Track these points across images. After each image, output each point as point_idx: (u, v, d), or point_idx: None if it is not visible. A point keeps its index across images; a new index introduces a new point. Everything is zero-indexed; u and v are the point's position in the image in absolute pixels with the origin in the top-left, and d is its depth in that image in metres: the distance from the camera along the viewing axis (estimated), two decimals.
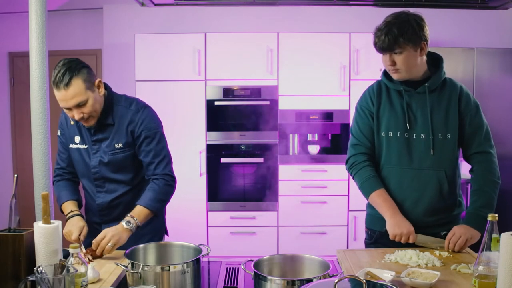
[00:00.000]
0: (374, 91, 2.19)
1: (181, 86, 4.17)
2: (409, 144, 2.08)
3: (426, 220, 2.08)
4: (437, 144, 2.06)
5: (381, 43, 2.02)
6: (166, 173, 2.15)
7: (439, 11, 4.37)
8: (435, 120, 2.07)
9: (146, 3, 4.19)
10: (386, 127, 2.11)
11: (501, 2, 4.04)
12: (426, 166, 2.07)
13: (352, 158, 2.20)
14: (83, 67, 2.02)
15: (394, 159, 2.10)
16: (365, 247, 2.26)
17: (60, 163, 2.26)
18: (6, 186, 4.75)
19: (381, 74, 2.21)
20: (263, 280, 1.52)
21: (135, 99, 2.22)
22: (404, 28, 1.98)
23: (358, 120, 2.21)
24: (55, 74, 1.96)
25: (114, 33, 4.64)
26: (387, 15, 2.06)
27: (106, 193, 2.20)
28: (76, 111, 2.01)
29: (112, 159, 2.14)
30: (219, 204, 4.24)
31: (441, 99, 2.09)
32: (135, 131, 2.14)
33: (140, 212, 2.06)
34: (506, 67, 4.18)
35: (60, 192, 2.21)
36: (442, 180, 2.08)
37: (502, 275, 1.40)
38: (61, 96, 1.98)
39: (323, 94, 4.17)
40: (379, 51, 2.07)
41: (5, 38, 4.86)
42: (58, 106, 2.05)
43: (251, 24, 4.58)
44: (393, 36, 1.98)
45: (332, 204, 4.20)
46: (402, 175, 2.09)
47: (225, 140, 4.22)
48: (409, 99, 2.10)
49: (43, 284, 1.36)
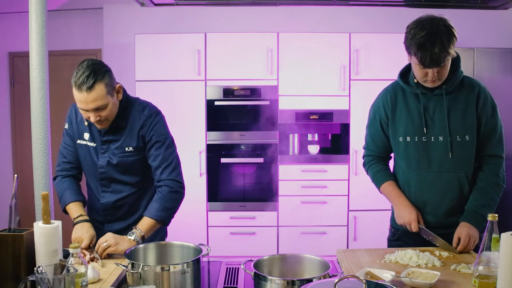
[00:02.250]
0: (388, 98, 2.17)
1: (181, 86, 4.17)
2: (427, 147, 2.08)
3: (447, 221, 2.08)
4: (455, 146, 2.05)
5: (428, 60, 1.92)
6: (172, 179, 2.13)
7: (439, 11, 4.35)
8: (452, 122, 2.05)
9: (146, 3, 4.19)
10: (403, 132, 2.11)
11: (501, 2, 4.04)
12: (446, 169, 2.06)
13: (365, 158, 2.32)
14: (106, 71, 2.01)
15: (414, 164, 2.11)
16: (388, 245, 2.28)
17: (67, 156, 2.23)
18: (6, 186, 4.75)
19: (398, 77, 2.18)
20: (263, 280, 1.52)
21: (148, 103, 2.22)
22: (449, 41, 1.92)
23: (369, 125, 2.27)
24: (78, 75, 1.95)
25: (114, 33, 4.64)
26: (419, 25, 1.96)
27: (111, 193, 2.20)
28: (94, 114, 2.00)
29: (121, 161, 2.14)
30: (219, 204, 4.24)
31: (458, 100, 2.07)
32: (146, 135, 2.14)
33: (145, 223, 2.06)
34: (506, 67, 4.18)
35: (64, 191, 2.18)
36: (463, 181, 2.07)
37: (502, 275, 1.40)
38: (82, 98, 1.96)
39: (323, 94, 4.17)
40: (424, 67, 1.96)
41: (5, 38, 4.86)
42: (58, 106, 2.05)
43: (251, 24, 4.58)
44: (442, 51, 1.90)
45: (332, 204, 4.20)
46: (422, 178, 2.10)
47: (225, 140, 4.22)
48: (426, 102, 2.09)
49: (43, 284, 1.36)
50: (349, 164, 4.21)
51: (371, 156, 2.27)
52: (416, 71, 2.02)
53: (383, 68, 4.14)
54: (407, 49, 2.01)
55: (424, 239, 2.06)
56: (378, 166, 2.24)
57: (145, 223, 2.06)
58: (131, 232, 2.02)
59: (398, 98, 2.15)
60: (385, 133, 2.20)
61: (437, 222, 2.08)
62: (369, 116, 2.27)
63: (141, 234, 2.02)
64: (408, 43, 1.99)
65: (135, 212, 2.22)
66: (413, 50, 1.95)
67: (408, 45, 1.99)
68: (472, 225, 2.01)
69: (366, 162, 2.30)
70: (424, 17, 2.00)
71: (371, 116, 2.24)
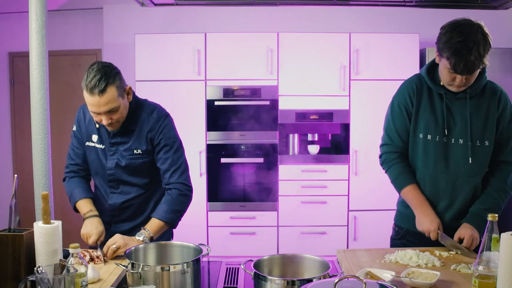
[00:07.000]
0: (415, 90, 2.09)
1: (181, 86, 4.17)
2: (447, 149, 2.05)
3: (454, 224, 2.07)
4: (474, 151, 2.03)
5: (462, 67, 1.86)
6: (181, 182, 2.15)
7: (439, 11, 4.36)
8: (474, 127, 2.03)
9: (146, 3, 4.19)
10: (424, 129, 2.07)
11: (501, 2, 4.04)
12: (462, 173, 2.05)
13: (384, 156, 2.19)
14: (117, 73, 2.02)
15: (431, 163, 2.07)
16: (391, 244, 2.26)
17: (74, 159, 2.25)
18: (6, 186, 4.75)
19: (424, 73, 2.10)
20: (263, 280, 1.52)
21: (156, 106, 2.23)
22: (485, 49, 1.86)
23: (394, 118, 2.14)
24: (89, 79, 1.95)
25: (114, 33, 4.64)
26: (456, 29, 1.87)
27: (119, 195, 2.20)
28: (106, 116, 2.01)
29: (130, 163, 2.15)
30: (219, 204, 4.24)
31: (480, 105, 2.05)
32: (154, 138, 2.14)
33: (153, 224, 2.06)
34: (506, 67, 4.18)
35: (73, 190, 2.20)
36: (477, 186, 2.07)
37: (502, 275, 1.40)
38: (94, 101, 1.96)
39: (323, 94, 4.17)
40: (455, 72, 1.90)
41: (5, 38, 4.86)
42: (58, 106, 2.05)
43: (251, 24, 4.57)
44: (477, 59, 1.85)
45: (332, 204, 4.20)
46: (438, 179, 2.07)
47: (225, 140, 4.22)
48: (449, 103, 2.06)
49: (43, 284, 1.36)
50: (349, 164, 4.21)
51: (396, 153, 2.14)
52: (444, 74, 1.97)
53: (383, 68, 4.14)
54: (439, 50, 1.93)
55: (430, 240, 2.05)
56: (402, 167, 2.12)
57: (154, 224, 2.06)
58: (139, 232, 2.02)
59: (423, 92, 2.09)
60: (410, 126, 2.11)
61: (448, 223, 2.07)
62: (391, 110, 2.16)
63: (149, 235, 2.02)
64: (442, 45, 1.91)
65: (142, 213, 2.23)
66: (447, 54, 1.88)
67: (441, 47, 1.91)
68: (474, 227, 2.01)
69: (388, 160, 2.16)
70: (461, 21, 1.91)
71: (395, 108, 2.13)
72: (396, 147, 2.15)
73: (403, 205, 2.20)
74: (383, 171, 2.22)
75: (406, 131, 2.12)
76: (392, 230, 2.29)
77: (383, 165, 2.20)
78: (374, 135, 2.45)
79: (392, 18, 4.55)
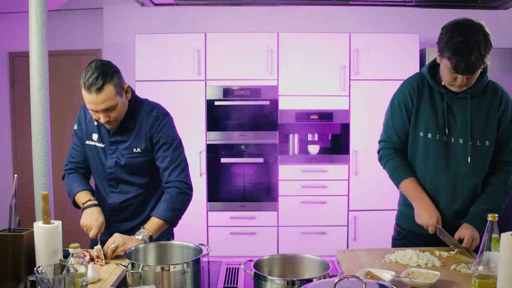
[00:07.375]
0: (415, 88, 2.09)
1: (181, 86, 4.17)
2: (447, 148, 2.05)
3: (454, 223, 2.07)
4: (475, 151, 2.03)
5: (463, 67, 1.87)
6: (180, 180, 2.14)
7: (439, 11, 4.36)
8: (475, 126, 2.03)
9: (146, 3, 4.19)
10: (425, 128, 2.07)
11: (501, 2, 4.04)
12: (462, 172, 2.05)
13: (381, 151, 2.21)
14: (115, 72, 2.03)
15: (431, 162, 2.07)
16: (392, 244, 2.26)
17: (75, 157, 2.26)
18: (6, 186, 4.75)
19: (426, 71, 2.10)
20: (263, 280, 1.52)
21: (156, 105, 2.23)
22: (486, 49, 1.86)
23: (393, 115, 2.15)
24: (87, 77, 1.96)
25: (114, 33, 4.64)
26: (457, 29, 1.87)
27: (119, 194, 2.20)
28: (103, 114, 2.01)
29: (129, 162, 2.15)
30: (219, 204, 4.24)
31: (481, 104, 2.04)
32: (153, 137, 2.14)
33: (153, 223, 2.06)
34: (506, 67, 4.18)
35: (72, 184, 2.20)
36: (477, 185, 2.07)
37: (502, 275, 1.40)
38: (91, 99, 1.97)
39: (323, 94, 4.17)
40: (456, 72, 1.90)
41: (5, 38, 4.86)
42: (58, 106, 2.06)
43: (251, 24, 4.57)
44: (479, 59, 1.85)
45: (332, 204, 4.20)
46: (438, 179, 2.07)
47: (225, 140, 4.22)
48: (450, 102, 2.05)
49: (43, 284, 1.36)
50: (349, 164, 4.21)
51: (392, 149, 2.15)
52: (445, 74, 1.97)
53: (383, 68, 4.14)
54: (440, 50, 1.93)
55: (433, 239, 2.05)
56: (399, 161, 2.13)
57: (153, 223, 2.06)
58: (139, 231, 2.02)
59: (424, 90, 2.08)
60: (409, 124, 2.11)
61: (447, 222, 2.07)
62: (391, 107, 2.17)
63: (149, 234, 2.02)
64: (443, 45, 1.90)
65: (141, 213, 2.23)
66: (448, 54, 1.88)
67: (442, 47, 1.91)
68: (474, 227, 2.01)
69: (385, 155, 2.17)
70: (462, 21, 1.91)
71: (395, 106, 2.14)
72: (392, 144, 2.16)
73: (404, 205, 2.20)
74: (382, 167, 2.23)
75: (404, 129, 2.13)
76: (393, 230, 2.28)
77: (381, 161, 2.21)
78: (374, 135, 2.45)
79: (392, 18, 4.55)
